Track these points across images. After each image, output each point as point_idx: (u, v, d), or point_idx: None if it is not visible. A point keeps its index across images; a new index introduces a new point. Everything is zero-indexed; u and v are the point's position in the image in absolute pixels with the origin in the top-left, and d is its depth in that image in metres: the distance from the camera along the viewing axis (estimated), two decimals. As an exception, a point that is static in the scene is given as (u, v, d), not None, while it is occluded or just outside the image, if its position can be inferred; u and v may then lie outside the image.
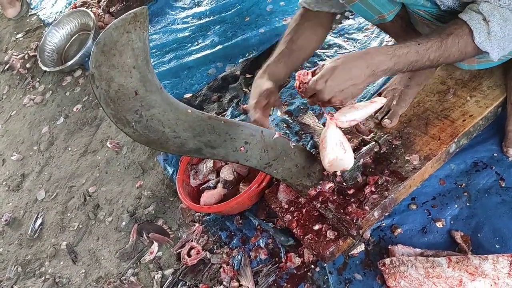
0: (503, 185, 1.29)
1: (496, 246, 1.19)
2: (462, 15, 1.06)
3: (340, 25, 2.05)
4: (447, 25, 1.09)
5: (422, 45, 1.07)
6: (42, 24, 3.10)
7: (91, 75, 0.90)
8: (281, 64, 1.36)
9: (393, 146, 1.40)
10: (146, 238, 1.67)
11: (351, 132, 1.51)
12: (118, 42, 0.88)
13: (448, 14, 1.22)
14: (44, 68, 2.57)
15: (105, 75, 0.90)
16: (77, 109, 2.38)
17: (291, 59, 1.38)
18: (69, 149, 2.21)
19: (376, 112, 1.51)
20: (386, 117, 1.47)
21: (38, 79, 2.73)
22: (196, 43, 2.35)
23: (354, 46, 1.92)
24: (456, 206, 1.30)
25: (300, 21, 1.40)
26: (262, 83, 1.32)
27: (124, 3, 2.65)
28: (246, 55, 2.14)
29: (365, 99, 1.68)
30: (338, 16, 2.10)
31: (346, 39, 1.98)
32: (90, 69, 0.89)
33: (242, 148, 1.14)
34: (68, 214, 1.94)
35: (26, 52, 2.90)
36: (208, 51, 2.25)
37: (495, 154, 1.35)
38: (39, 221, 1.98)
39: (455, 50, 1.06)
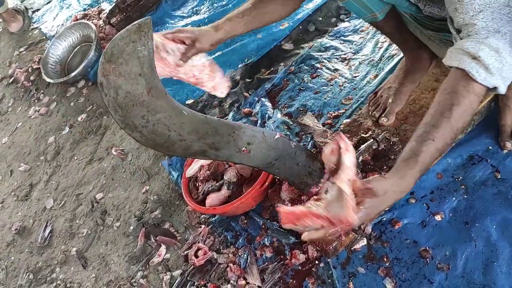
0: (498, 177, 1.33)
1: (494, 234, 1.23)
2: (450, 61, 0.99)
3: (335, 28, 2.10)
4: (442, 90, 0.99)
5: (436, 140, 0.95)
6: (44, 38, 3.15)
7: (100, 84, 0.95)
8: (242, 22, 1.33)
9: (391, 143, 1.45)
10: (154, 241, 1.71)
11: (350, 131, 1.57)
12: (124, 52, 0.93)
13: (430, 19, 1.28)
14: (48, 80, 2.62)
15: (113, 83, 0.94)
16: (81, 118, 2.43)
17: (254, 21, 1.35)
18: (75, 158, 2.26)
19: (373, 110, 1.56)
20: (383, 115, 1.51)
21: (42, 91, 2.78)
22: (196, 50, 2.40)
23: (350, 48, 1.97)
24: (454, 199, 1.35)
25: None
26: (207, 29, 1.30)
27: (124, 14, 2.70)
28: (245, 60, 2.18)
29: (362, 98, 1.73)
30: (334, 19, 2.16)
31: (342, 41, 2.03)
32: (99, 78, 0.94)
33: (245, 149, 1.19)
34: (77, 221, 1.99)
35: (30, 65, 2.95)
36: (209, 57, 2.30)
37: (490, 147, 1.39)
38: (48, 229, 2.02)
39: (467, 102, 0.96)
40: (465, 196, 1.33)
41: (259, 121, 1.89)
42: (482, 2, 0.93)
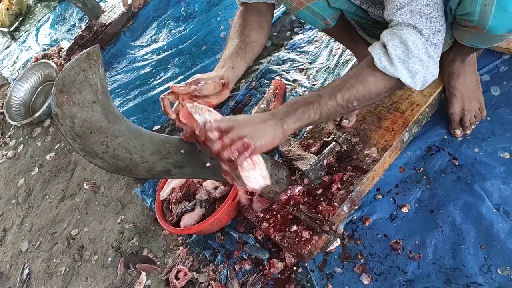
0: (456, 164, 1.38)
1: (458, 219, 1.28)
2: (369, 47, 1.07)
3: (291, 41, 2.16)
4: (352, 69, 1.10)
5: (323, 96, 1.06)
6: (6, 82, 3.14)
7: (55, 115, 0.96)
8: (239, 57, 1.26)
9: (353, 143, 1.49)
10: (133, 269, 1.70)
11: (312, 137, 1.61)
12: (76, 81, 0.95)
13: (376, 26, 1.34)
14: (13, 123, 2.61)
15: (68, 112, 0.96)
16: (50, 157, 2.42)
17: (248, 53, 1.29)
18: (47, 197, 2.24)
19: None
20: (344, 118, 1.56)
21: (8, 134, 2.76)
22: (158, 77, 2.44)
23: (307, 58, 2.03)
24: (417, 189, 1.39)
25: (245, 17, 1.35)
26: (222, 72, 1.21)
27: (84, 49, 2.72)
28: (208, 81, 2.22)
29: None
30: (288, 33, 2.23)
31: (298, 53, 2.09)
32: (53, 109, 0.95)
33: (209, 164, 1.21)
34: (54, 260, 1.96)
35: (-7, 111, 2.94)
36: (170, 83, 2.33)
37: (445, 137, 1.45)
38: (26, 272, 1.98)
39: (366, 83, 1.04)
40: (428, 186, 1.38)
41: (226, 139, 1.91)
42: (403, 0, 0.99)
